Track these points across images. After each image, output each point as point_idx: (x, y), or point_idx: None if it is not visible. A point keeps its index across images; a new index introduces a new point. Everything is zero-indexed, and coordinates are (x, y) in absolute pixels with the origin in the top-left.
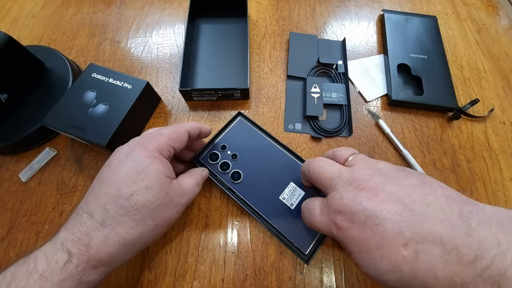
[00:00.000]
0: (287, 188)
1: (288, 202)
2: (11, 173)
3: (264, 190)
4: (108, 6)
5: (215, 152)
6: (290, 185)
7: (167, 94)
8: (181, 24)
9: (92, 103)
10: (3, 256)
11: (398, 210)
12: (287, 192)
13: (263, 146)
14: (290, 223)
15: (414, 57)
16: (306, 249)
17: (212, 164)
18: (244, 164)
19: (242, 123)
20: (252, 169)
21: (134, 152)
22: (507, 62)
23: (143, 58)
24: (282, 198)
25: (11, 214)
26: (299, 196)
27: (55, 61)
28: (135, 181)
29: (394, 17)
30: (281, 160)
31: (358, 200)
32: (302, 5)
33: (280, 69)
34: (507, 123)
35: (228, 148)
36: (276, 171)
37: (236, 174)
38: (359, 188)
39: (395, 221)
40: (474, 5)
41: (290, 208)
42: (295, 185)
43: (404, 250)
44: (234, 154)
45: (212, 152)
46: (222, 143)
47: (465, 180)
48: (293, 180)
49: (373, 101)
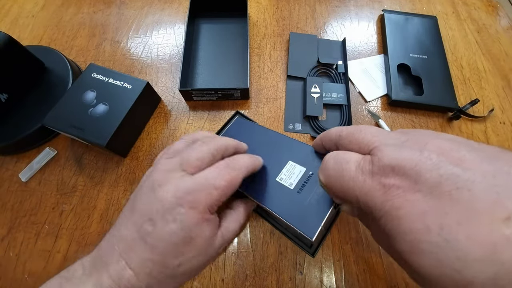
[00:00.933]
0: (284, 168)
1: (286, 182)
2: (11, 173)
3: (260, 176)
4: (108, 6)
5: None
6: (288, 164)
7: (167, 94)
8: (181, 24)
9: (92, 103)
10: (3, 256)
11: (489, 171)
12: (284, 172)
13: (262, 136)
14: (289, 205)
15: (414, 57)
16: (312, 234)
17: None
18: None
19: (241, 121)
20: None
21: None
22: (507, 62)
23: (143, 58)
24: (279, 180)
25: (11, 214)
26: (300, 173)
27: (55, 61)
28: (183, 252)
29: (394, 17)
30: (279, 143)
31: (425, 154)
32: (302, 5)
33: (280, 69)
34: (507, 123)
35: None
36: (273, 155)
37: None
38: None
39: (489, 184)
40: (474, 5)
41: (289, 189)
42: (293, 163)
43: (507, 228)
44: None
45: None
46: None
47: None
48: (291, 159)
49: (373, 101)
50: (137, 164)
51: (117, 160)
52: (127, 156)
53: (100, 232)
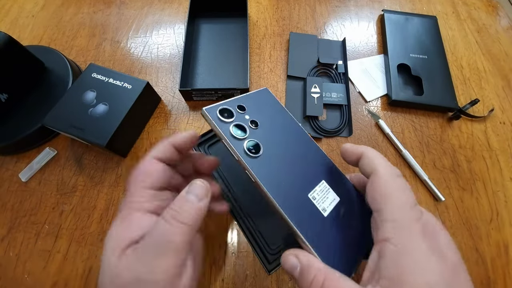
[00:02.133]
0: (318, 186)
1: (319, 205)
2: (11, 173)
3: (289, 178)
4: (108, 6)
5: (229, 109)
6: (321, 184)
7: (167, 94)
8: (181, 24)
9: (92, 103)
10: (3, 256)
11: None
12: (318, 192)
13: (291, 127)
14: (322, 235)
15: (414, 57)
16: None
17: (223, 123)
18: (266, 138)
19: (267, 95)
20: (275, 147)
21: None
22: (507, 62)
23: (143, 58)
24: (311, 197)
25: (11, 214)
26: (333, 201)
27: (55, 61)
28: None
29: (394, 17)
30: (311, 150)
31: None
32: (302, 5)
33: (280, 69)
34: (507, 123)
35: (247, 111)
36: (305, 161)
37: (255, 145)
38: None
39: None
40: (474, 5)
41: (321, 214)
42: (327, 186)
43: None
44: (254, 121)
45: (224, 108)
46: (240, 103)
47: (465, 180)
48: (324, 178)
49: (373, 101)
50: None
51: (117, 160)
52: (127, 156)
53: (100, 232)
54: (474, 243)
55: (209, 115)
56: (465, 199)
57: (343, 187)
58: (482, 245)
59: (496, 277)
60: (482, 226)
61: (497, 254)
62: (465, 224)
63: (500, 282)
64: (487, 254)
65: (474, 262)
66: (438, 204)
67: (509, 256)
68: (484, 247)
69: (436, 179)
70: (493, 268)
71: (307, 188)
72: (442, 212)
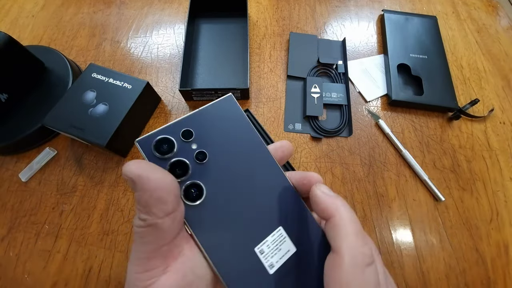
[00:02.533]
0: (271, 236)
1: (266, 260)
2: (11, 173)
3: (233, 230)
4: (108, 6)
5: (169, 139)
6: (277, 232)
7: (167, 94)
8: (181, 24)
9: (92, 103)
10: (3, 256)
11: None
12: (269, 243)
13: (252, 153)
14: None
15: (414, 57)
16: None
17: (158, 160)
18: (214, 174)
19: (230, 105)
20: (224, 187)
21: None
22: (507, 62)
23: (143, 58)
24: (259, 251)
25: (11, 214)
26: (287, 253)
27: (55, 61)
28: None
29: (394, 17)
30: (274, 184)
31: None
32: (302, 5)
33: (280, 69)
34: (507, 123)
35: (195, 137)
36: (263, 200)
37: (195, 188)
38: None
39: None
40: (474, 5)
41: (266, 272)
42: (284, 234)
43: None
44: (202, 151)
45: (161, 139)
46: (187, 126)
47: (465, 180)
48: (284, 224)
49: (373, 101)
50: None
51: (117, 160)
52: (127, 156)
53: (100, 232)
54: (474, 243)
55: (141, 150)
56: (465, 199)
57: (305, 232)
58: (482, 245)
59: (496, 277)
60: (482, 226)
61: (497, 254)
62: (465, 224)
63: (500, 282)
64: (487, 254)
65: (474, 262)
66: (438, 204)
67: (509, 256)
68: (484, 247)
69: (436, 179)
70: (493, 268)
71: (257, 239)
72: (442, 212)
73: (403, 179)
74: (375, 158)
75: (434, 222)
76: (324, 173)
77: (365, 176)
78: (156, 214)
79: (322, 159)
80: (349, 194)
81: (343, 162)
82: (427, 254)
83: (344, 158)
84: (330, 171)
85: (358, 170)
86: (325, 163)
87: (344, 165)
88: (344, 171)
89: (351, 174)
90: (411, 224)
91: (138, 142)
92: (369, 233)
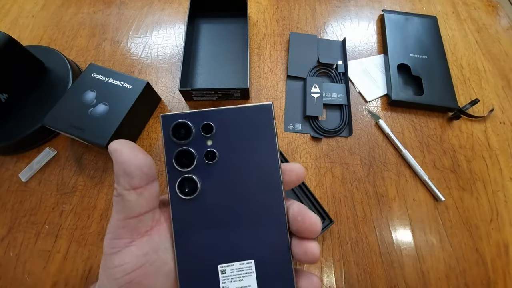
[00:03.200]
0: (239, 263)
1: (223, 282)
2: (11, 173)
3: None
4: (108, 6)
5: (188, 126)
6: (247, 263)
7: (167, 94)
8: (181, 24)
9: (92, 103)
10: (3, 256)
11: None
12: (235, 268)
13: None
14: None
15: (414, 57)
16: None
17: (171, 142)
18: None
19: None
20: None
21: None
22: (507, 62)
23: (143, 58)
24: (220, 270)
25: (11, 214)
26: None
27: (55, 61)
28: None
29: (394, 17)
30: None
31: None
32: (302, 5)
33: (280, 69)
34: (507, 123)
35: (215, 135)
36: (249, 226)
37: (191, 183)
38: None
39: None
40: (474, 5)
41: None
42: (254, 269)
43: None
44: (212, 151)
45: (182, 123)
46: (210, 120)
47: (465, 180)
48: (258, 260)
49: (373, 101)
50: None
51: None
52: None
53: (100, 232)
54: (474, 243)
55: (162, 126)
56: (465, 199)
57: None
58: (482, 245)
59: (496, 277)
60: (482, 226)
61: (497, 254)
62: (465, 224)
63: (500, 282)
64: (487, 254)
65: (474, 262)
66: (438, 204)
67: (509, 256)
68: (484, 247)
69: (436, 179)
70: (493, 268)
71: (225, 258)
72: (442, 212)
73: (403, 179)
74: (375, 158)
75: (434, 222)
76: (324, 173)
77: (365, 176)
78: (123, 186)
79: (322, 159)
80: (349, 194)
81: (343, 162)
82: (427, 254)
83: (344, 158)
84: (330, 171)
85: (358, 170)
86: (325, 163)
87: (344, 165)
88: (344, 171)
89: (351, 174)
90: (411, 224)
91: (162, 117)
92: (369, 233)
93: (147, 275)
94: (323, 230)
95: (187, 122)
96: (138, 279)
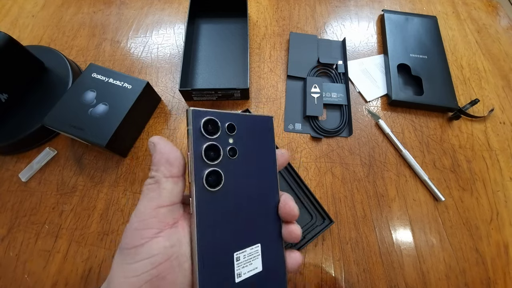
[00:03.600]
0: (250, 248)
1: (237, 269)
2: (11, 173)
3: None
4: (108, 6)
5: (217, 123)
6: (255, 247)
7: (167, 94)
8: (181, 24)
9: (92, 103)
10: (3, 256)
11: None
12: (246, 254)
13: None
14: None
15: (414, 57)
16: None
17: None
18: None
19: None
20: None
21: None
22: (507, 62)
23: (143, 58)
24: (236, 257)
25: (11, 214)
26: (254, 270)
27: (55, 61)
28: None
29: (394, 17)
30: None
31: None
32: (302, 5)
33: (280, 69)
34: (507, 123)
35: (236, 134)
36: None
37: (215, 176)
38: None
39: None
40: (474, 5)
41: (233, 278)
42: (259, 252)
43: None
44: (234, 148)
45: (212, 119)
46: (233, 121)
47: (465, 180)
48: (262, 243)
49: (373, 101)
50: (137, 164)
51: (117, 160)
52: (127, 156)
53: (100, 232)
54: (474, 243)
55: (191, 118)
56: (465, 199)
57: (273, 258)
58: (482, 245)
59: (496, 277)
60: (482, 226)
61: (497, 254)
62: (465, 224)
63: (500, 282)
64: (487, 254)
65: (474, 262)
66: (438, 204)
67: (509, 256)
68: (484, 247)
69: (436, 179)
70: (493, 268)
71: (240, 246)
72: (442, 212)
73: (403, 179)
74: (375, 158)
75: (434, 222)
76: (324, 173)
77: (365, 176)
78: (163, 172)
79: (322, 159)
80: (349, 194)
81: (343, 162)
82: (427, 254)
83: (344, 158)
84: (330, 171)
85: (358, 170)
86: (325, 163)
87: (344, 165)
88: (344, 171)
89: (351, 174)
90: (411, 224)
91: (193, 111)
92: (369, 233)
93: (172, 269)
94: (323, 230)
95: (216, 119)
96: (163, 273)
